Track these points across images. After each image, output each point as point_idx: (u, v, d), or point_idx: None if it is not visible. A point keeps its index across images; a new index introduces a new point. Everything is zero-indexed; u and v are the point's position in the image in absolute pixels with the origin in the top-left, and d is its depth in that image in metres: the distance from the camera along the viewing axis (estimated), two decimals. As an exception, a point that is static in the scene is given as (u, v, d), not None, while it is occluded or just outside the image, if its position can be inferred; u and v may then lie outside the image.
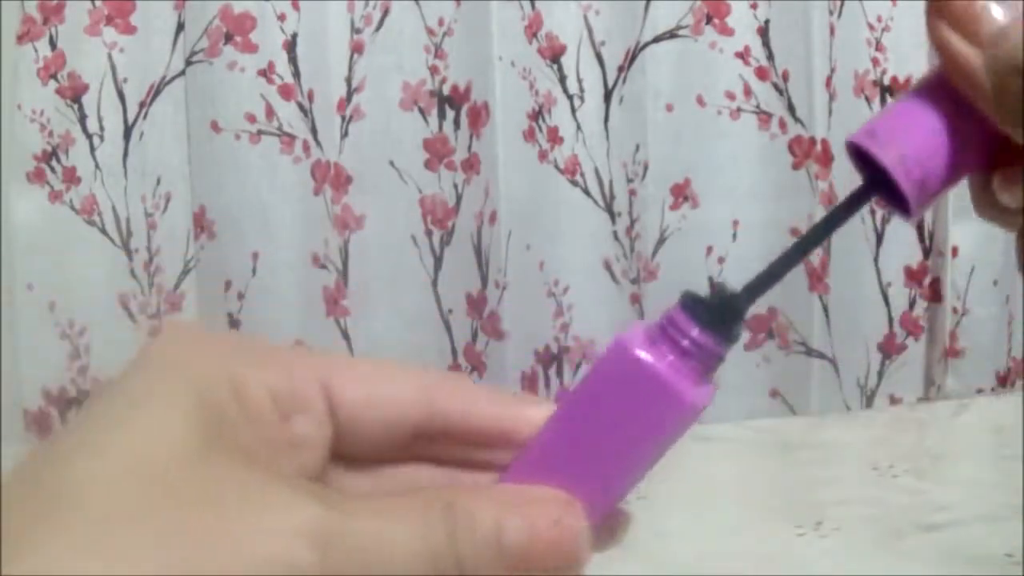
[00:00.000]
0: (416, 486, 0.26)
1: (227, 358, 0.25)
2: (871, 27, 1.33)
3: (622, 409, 0.25)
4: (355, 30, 1.30)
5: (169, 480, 0.21)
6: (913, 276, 1.37)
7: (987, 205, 0.29)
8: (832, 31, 1.31)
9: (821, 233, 0.29)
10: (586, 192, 1.31)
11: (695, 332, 0.26)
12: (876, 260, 1.36)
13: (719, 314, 0.26)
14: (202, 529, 0.21)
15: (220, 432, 0.23)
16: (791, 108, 1.31)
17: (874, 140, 0.28)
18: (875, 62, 1.34)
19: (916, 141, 0.28)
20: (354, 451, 0.27)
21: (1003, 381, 1.39)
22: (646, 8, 1.29)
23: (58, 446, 0.22)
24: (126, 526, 0.20)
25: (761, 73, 1.31)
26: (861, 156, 0.29)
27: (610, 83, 1.31)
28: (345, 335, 1.32)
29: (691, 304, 0.26)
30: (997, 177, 0.28)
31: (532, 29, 1.29)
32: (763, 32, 1.31)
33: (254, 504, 0.22)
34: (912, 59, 1.34)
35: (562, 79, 1.29)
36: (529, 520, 0.24)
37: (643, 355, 0.26)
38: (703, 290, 0.25)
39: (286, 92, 1.27)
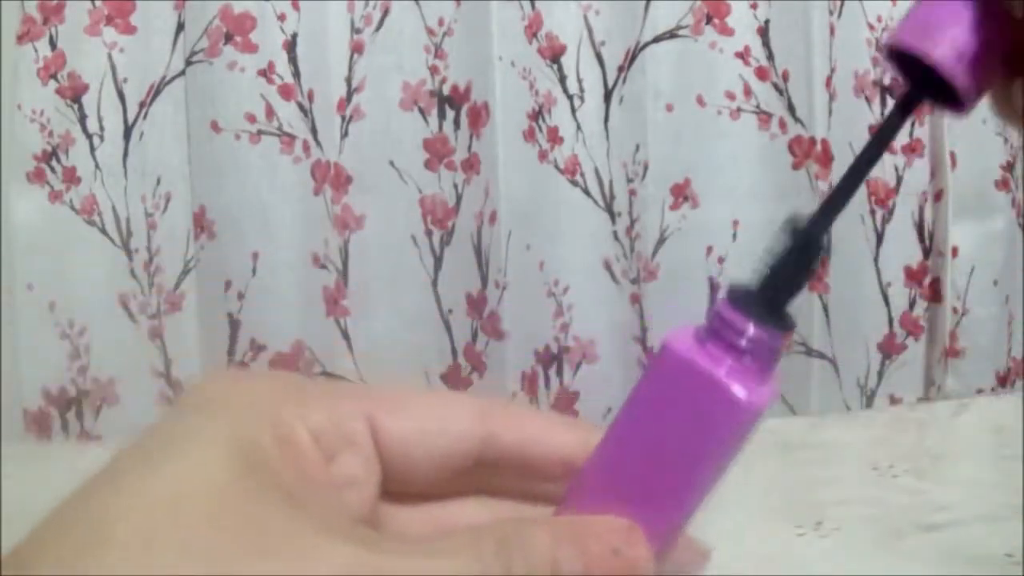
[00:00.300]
0: (473, 522, 0.25)
1: (268, 399, 0.24)
2: (871, 27, 1.33)
3: (680, 422, 0.23)
4: (355, 30, 1.30)
5: (202, 519, 0.21)
6: (913, 276, 1.37)
7: (1010, 113, 0.28)
8: (832, 31, 1.31)
9: (872, 157, 0.26)
10: (586, 192, 1.31)
11: (751, 329, 0.23)
12: (876, 260, 1.36)
13: (772, 302, 0.24)
14: (231, 568, 0.20)
15: (259, 474, 0.22)
16: (791, 108, 1.31)
17: (920, 39, 0.26)
18: (875, 62, 1.34)
19: (959, 37, 0.26)
20: (407, 487, 0.26)
21: (1003, 381, 1.39)
22: (646, 8, 1.29)
23: (94, 484, 0.22)
24: (155, 564, 0.20)
25: (761, 73, 1.31)
26: (898, 60, 0.27)
27: (610, 83, 1.30)
28: (345, 335, 1.32)
29: (741, 297, 0.24)
30: (1020, 84, 0.27)
31: (532, 29, 1.29)
32: (763, 32, 1.31)
33: (287, 544, 0.21)
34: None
35: (562, 79, 1.29)
36: (586, 552, 0.23)
37: (699, 361, 0.23)
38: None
39: (286, 92, 1.27)
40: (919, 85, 0.27)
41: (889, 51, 0.27)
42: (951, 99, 0.27)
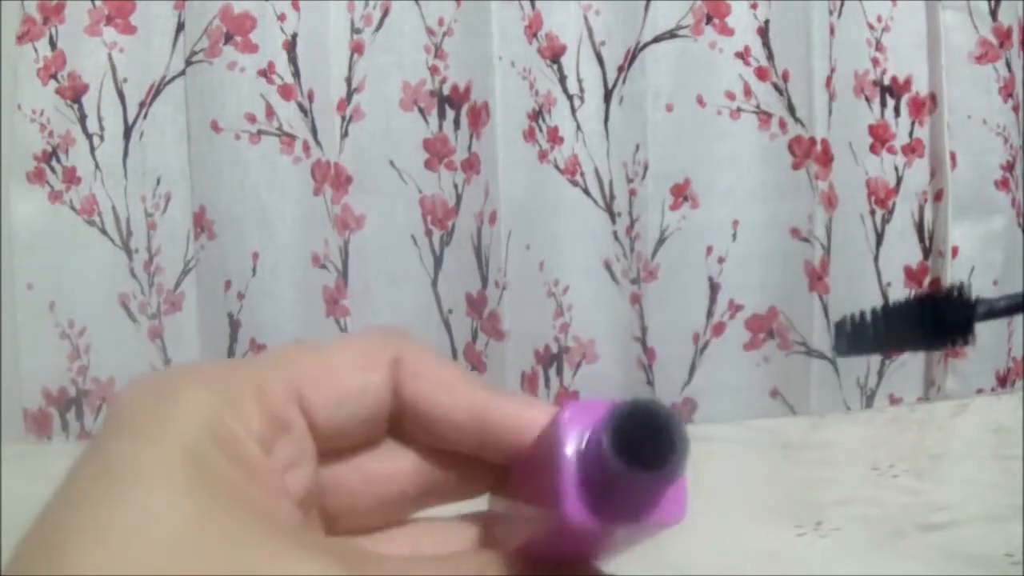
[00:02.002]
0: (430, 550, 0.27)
1: (201, 406, 0.24)
2: (871, 27, 1.33)
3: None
4: (355, 30, 1.30)
5: (174, 544, 0.20)
6: (913, 276, 1.37)
7: None
8: (832, 31, 1.31)
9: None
10: (586, 192, 1.31)
11: (625, 475, 0.21)
12: (876, 260, 1.36)
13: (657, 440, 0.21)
14: None
15: (217, 493, 0.22)
16: (791, 108, 1.31)
17: None
18: (875, 62, 1.34)
19: None
20: (333, 445, 0.27)
21: (1003, 381, 1.39)
22: (646, 8, 1.29)
23: (50, 532, 0.21)
24: None
25: (761, 73, 1.31)
26: None
27: (610, 83, 1.31)
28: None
29: (622, 430, 0.21)
30: None
31: (532, 29, 1.29)
32: (763, 32, 1.31)
33: (265, 563, 0.21)
34: (912, 59, 1.34)
35: (562, 79, 1.29)
36: None
37: (573, 513, 0.22)
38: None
39: (286, 92, 1.27)
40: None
41: None
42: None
